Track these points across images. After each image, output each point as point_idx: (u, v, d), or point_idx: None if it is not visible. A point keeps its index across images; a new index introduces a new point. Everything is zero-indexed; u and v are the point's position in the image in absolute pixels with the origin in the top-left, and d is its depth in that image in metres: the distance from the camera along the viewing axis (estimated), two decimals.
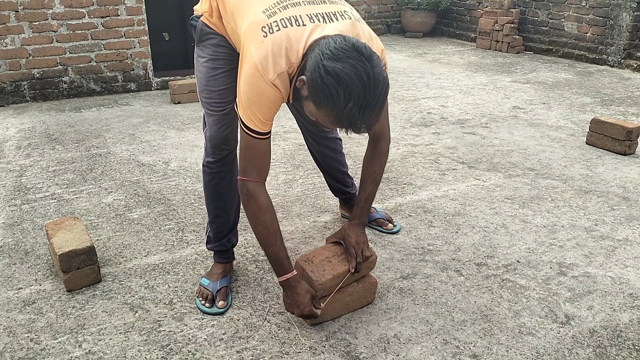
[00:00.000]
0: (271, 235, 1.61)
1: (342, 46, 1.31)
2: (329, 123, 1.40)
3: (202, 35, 1.77)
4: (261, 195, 1.58)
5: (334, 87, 1.28)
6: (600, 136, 3.36)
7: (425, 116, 4.05)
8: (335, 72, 1.28)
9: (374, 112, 1.33)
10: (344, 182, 2.36)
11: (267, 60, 1.43)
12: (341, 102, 1.29)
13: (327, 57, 1.30)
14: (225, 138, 1.80)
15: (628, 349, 1.68)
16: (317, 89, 1.32)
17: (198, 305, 1.86)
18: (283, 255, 1.63)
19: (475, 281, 2.02)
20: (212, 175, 1.87)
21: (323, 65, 1.30)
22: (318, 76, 1.30)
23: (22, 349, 1.67)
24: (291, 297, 1.66)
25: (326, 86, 1.29)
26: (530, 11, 6.59)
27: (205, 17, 1.75)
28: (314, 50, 1.37)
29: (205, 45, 1.77)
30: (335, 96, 1.29)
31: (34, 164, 3.12)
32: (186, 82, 4.42)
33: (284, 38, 1.44)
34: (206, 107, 1.81)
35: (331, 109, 1.32)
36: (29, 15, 4.20)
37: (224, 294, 1.87)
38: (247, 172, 1.56)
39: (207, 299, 1.86)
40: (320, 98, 1.33)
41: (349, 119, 1.32)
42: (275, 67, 1.44)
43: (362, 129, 1.36)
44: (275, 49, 1.43)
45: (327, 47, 1.33)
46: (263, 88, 1.45)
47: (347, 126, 1.35)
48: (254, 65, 1.44)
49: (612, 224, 2.44)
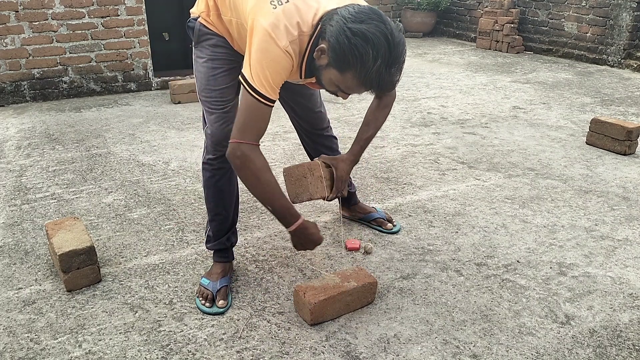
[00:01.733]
0: (275, 190, 1.61)
1: (362, 10, 1.41)
2: (354, 86, 1.47)
3: (200, 36, 1.78)
4: (258, 156, 1.58)
5: (362, 47, 1.37)
6: (600, 136, 3.36)
7: (425, 116, 4.05)
8: (362, 32, 1.37)
9: (399, 69, 1.43)
10: None
11: (278, 28, 1.46)
12: (370, 61, 1.38)
13: (351, 21, 1.39)
14: (226, 135, 1.80)
15: (628, 349, 1.68)
16: (345, 51, 1.39)
17: (198, 305, 1.86)
18: (289, 205, 1.66)
19: (475, 281, 2.02)
20: (213, 172, 1.88)
21: (348, 28, 1.38)
22: (345, 38, 1.38)
23: (22, 349, 1.67)
24: (304, 238, 1.70)
25: (355, 47, 1.37)
26: (530, 11, 6.59)
27: (202, 18, 1.76)
28: (332, 18, 1.44)
29: (204, 46, 1.79)
30: (365, 55, 1.37)
31: (34, 164, 3.12)
32: (186, 82, 4.42)
33: (294, 9, 1.49)
34: (206, 106, 1.82)
35: (360, 69, 1.40)
36: (29, 15, 4.20)
37: (224, 294, 1.87)
38: (244, 135, 1.55)
39: (207, 299, 1.86)
40: (348, 60, 1.40)
41: (377, 77, 1.41)
42: (287, 34, 1.47)
43: (389, 86, 1.45)
44: (286, 18, 1.48)
45: (347, 13, 1.41)
46: (277, 53, 1.47)
47: (376, 85, 1.43)
48: (265, 31, 1.46)
49: (612, 224, 2.44)
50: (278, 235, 2.34)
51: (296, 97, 2.07)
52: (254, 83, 1.50)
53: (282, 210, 1.65)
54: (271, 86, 1.52)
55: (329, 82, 1.51)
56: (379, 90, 1.46)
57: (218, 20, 1.74)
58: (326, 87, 1.55)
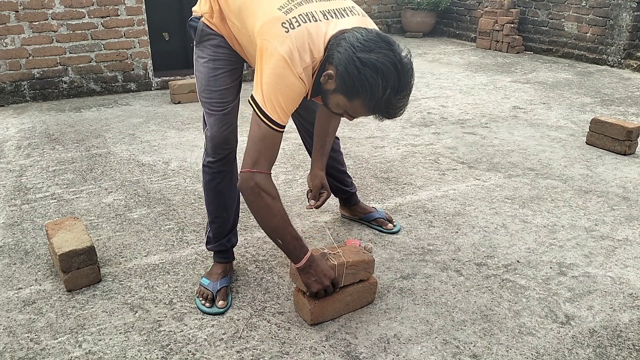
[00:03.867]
0: (286, 221, 1.59)
1: (371, 38, 1.40)
2: (362, 112, 1.47)
3: (202, 35, 1.76)
4: (272, 186, 1.55)
5: (372, 78, 1.36)
6: (600, 136, 3.36)
7: (425, 116, 4.05)
8: (371, 62, 1.36)
9: (407, 95, 1.43)
10: (343, 182, 2.36)
11: (293, 54, 1.44)
12: (380, 91, 1.38)
13: (360, 50, 1.38)
14: (226, 138, 1.80)
15: (628, 349, 1.68)
16: (355, 81, 1.39)
17: (198, 305, 1.86)
18: (298, 236, 1.62)
19: (475, 281, 2.02)
20: (213, 175, 1.87)
21: (358, 58, 1.37)
22: (354, 68, 1.37)
23: (22, 349, 1.67)
24: (315, 271, 1.65)
25: (364, 77, 1.37)
26: (530, 11, 6.59)
27: (205, 18, 1.75)
28: (340, 44, 1.42)
29: (205, 46, 1.77)
30: (375, 85, 1.37)
31: (34, 164, 3.12)
32: (186, 82, 4.42)
33: (306, 33, 1.47)
34: (207, 107, 1.81)
35: (370, 98, 1.40)
36: (29, 15, 4.20)
37: (224, 294, 1.87)
38: (258, 164, 1.51)
39: (207, 299, 1.86)
40: (357, 89, 1.40)
41: (386, 105, 1.42)
42: (301, 61, 1.46)
43: (397, 113, 1.45)
44: (299, 44, 1.45)
45: (356, 40, 1.40)
46: (292, 81, 1.46)
47: (385, 112, 1.44)
48: (282, 58, 1.44)
49: (612, 224, 2.44)
50: None
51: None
52: (266, 109, 1.47)
53: (292, 242, 1.60)
54: (284, 112, 1.49)
55: (336, 105, 1.51)
56: (388, 117, 1.46)
57: (221, 23, 1.73)
58: (332, 109, 1.55)
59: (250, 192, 1.52)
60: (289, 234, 1.59)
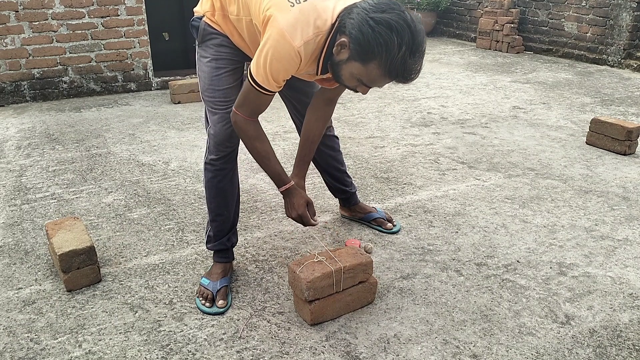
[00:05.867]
0: (263, 157, 1.72)
1: (381, 2, 1.43)
2: (377, 77, 1.47)
3: (204, 35, 1.78)
4: (251, 127, 1.67)
5: (387, 34, 1.38)
6: (600, 136, 3.36)
7: (425, 116, 4.05)
8: (385, 20, 1.38)
9: (421, 57, 1.44)
10: (343, 182, 2.36)
11: (294, 27, 1.48)
12: (395, 48, 1.39)
13: (372, 11, 1.41)
14: (229, 135, 1.82)
15: (628, 349, 1.68)
16: (370, 41, 1.40)
17: (198, 305, 1.86)
18: (279, 171, 1.75)
19: (475, 281, 2.02)
20: (215, 173, 1.88)
21: (371, 18, 1.40)
22: (368, 27, 1.39)
23: (22, 349, 1.67)
24: (289, 202, 1.80)
25: (379, 35, 1.38)
26: (530, 11, 6.59)
27: (207, 17, 1.76)
28: (351, 12, 1.45)
29: (208, 46, 1.79)
30: (390, 42, 1.38)
31: (34, 164, 3.12)
32: (186, 82, 4.42)
33: (311, 8, 1.50)
34: (210, 106, 1.82)
35: (385, 57, 1.40)
36: (29, 15, 4.20)
37: (223, 294, 1.87)
38: (241, 109, 1.64)
39: (207, 299, 1.86)
40: (372, 49, 1.40)
41: (402, 65, 1.42)
42: (302, 34, 1.49)
43: (413, 74, 1.45)
44: (303, 18, 1.48)
45: (368, 5, 1.43)
46: (287, 52, 1.50)
47: (401, 73, 1.44)
48: (281, 31, 1.48)
49: (612, 224, 2.44)
50: (278, 236, 2.34)
51: (299, 95, 2.06)
52: (258, 79, 1.55)
53: (270, 174, 1.76)
54: (275, 83, 1.56)
55: (350, 76, 1.51)
56: (403, 79, 1.46)
57: (223, 21, 1.75)
58: (345, 83, 1.55)
59: (235, 126, 1.69)
60: (266, 167, 1.74)
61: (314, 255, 1.80)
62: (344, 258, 1.79)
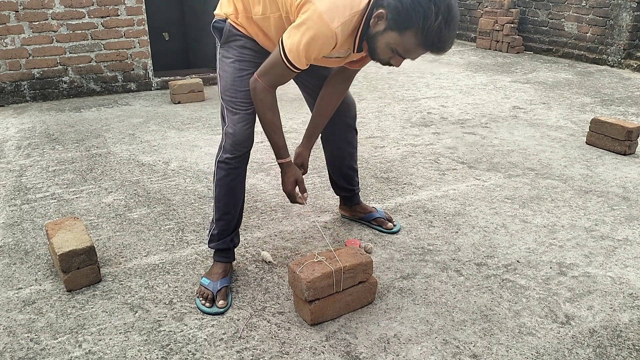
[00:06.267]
0: (271, 128, 1.79)
1: None
2: (413, 46, 1.53)
3: (229, 36, 1.84)
4: (267, 96, 1.74)
5: (425, 3, 1.45)
6: (600, 136, 3.36)
7: (425, 116, 4.05)
8: None
9: (455, 28, 1.51)
10: (351, 180, 2.37)
11: (332, 10, 1.54)
12: (432, 17, 1.45)
13: None
14: (247, 136, 1.87)
15: (628, 349, 1.68)
16: (408, 9, 1.47)
17: (198, 305, 1.86)
18: (280, 145, 1.83)
19: (475, 281, 2.02)
20: (229, 171, 1.90)
21: None
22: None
23: (22, 349, 1.67)
24: (282, 178, 1.89)
25: (418, 3, 1.45)
26: (530, 11, 6.59)
27: (231, 20, 1.83)
28: None
29: (231, 47, 1.84)
30: (428, 10, 1.45)
31: (34, 164, 3.12)
32: (186, 82, 4.42)
33: None
34: (230, 106, 1.86)
35: (422, 25, 1.46)
36: (29, 15, 4.20)
37: (224, 294, 1.88)
38: (263, 77, 1.70)
39: (207, 299, 1.86)
40: (411, 17, 1.47)
41: (438, 34, 1.48)
42: (340, 16, 1.55)
43: (448, 44, 1.51)
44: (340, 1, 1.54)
45: None
46: (324, 34, 1.56)
47: (436, 42, 1.49)
48: (319, 14, 1.53)
49: (612, 224, 2.44)
50: (278, 235, 2.34)
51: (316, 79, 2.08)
52: (289, 52, 1.60)
53: (272, 145, 1.84)
54: (306, 60, 1.62)
55: (385, 47, 1.57)
56: (437, 49, 1.52)
57: (247, 22, 1.80)
58: (380, 55, 1.61)
59: (252, 92, 1.75)
60: (271, 138, 1.82)
61: (314, 255, 1.80)
62: (344, 258, 1.79)
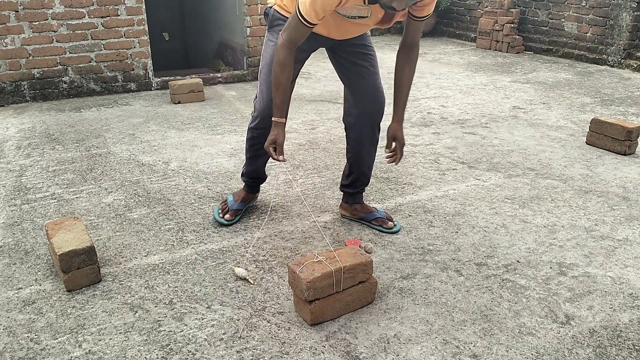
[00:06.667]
0: (277, 85, 1.96)
1: None
2: None
3: (273, 21, 2.09)
4: (281, 52, 1.92)
5: None
6: (600, 136, 3.36)
7: (425, 116, 4.05)
8: None
9: None
10: (365, 180, 2.43)
11: None
12: None
13: None
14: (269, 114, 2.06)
15: (628, 349, 1.68)
16: None
17: (215, 211, 2.44)
18: (276, 103, 1.99)
19: (475, 281, 2.02)
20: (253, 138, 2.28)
21: None
22: None
23: (22, 349, 1.67)
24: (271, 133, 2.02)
25: None
26: (530, 11, 6.59)
27: (277, 4, 2.06)
28: None
29: (275, 31, 2.09)
30: None
31: (34, 164, 3.12)
32: (186, 82, 4.42)
33: None
34: (266, 84, 2.10)
35: None
36: (29, 15, 4.20)
37: (234, 214, 2.41)
38: (284, 33, 1.91)
39: (223, 211, 2.41)
40: None
41: None
42: None
43: None
44: None
45: None
46: None
47: None
48: None
49: (612, 224, 2.44)
50: (278, 235, 2.34)
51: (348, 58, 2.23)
52: (304, 13, 1.81)
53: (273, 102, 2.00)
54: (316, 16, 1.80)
55: None
56: None
57: (291, 3, 2.02)
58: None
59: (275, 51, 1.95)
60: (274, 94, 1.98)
61: (314, 255, 1.80)
62: (344, 258, 1.79)
